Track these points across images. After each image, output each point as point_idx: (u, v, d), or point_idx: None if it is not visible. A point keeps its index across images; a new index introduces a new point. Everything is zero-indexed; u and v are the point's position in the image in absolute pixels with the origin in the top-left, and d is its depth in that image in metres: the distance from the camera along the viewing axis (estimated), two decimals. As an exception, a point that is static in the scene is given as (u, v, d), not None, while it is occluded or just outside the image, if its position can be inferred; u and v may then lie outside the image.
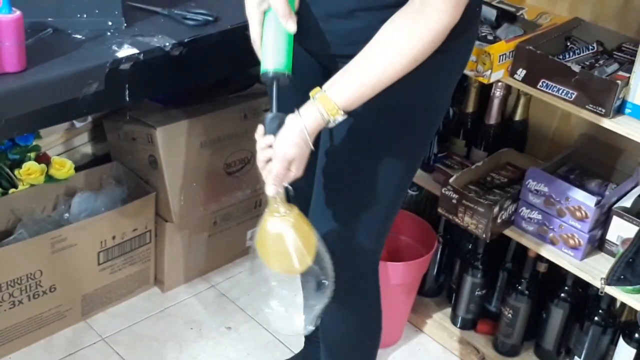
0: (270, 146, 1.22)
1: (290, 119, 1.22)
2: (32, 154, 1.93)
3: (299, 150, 1.21)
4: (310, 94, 1.23)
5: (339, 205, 1.40)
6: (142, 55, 1.58)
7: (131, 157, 2.08)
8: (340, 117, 1.21)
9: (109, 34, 1.62)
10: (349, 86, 1.21)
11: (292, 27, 1.26)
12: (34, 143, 1.93)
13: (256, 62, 1.90)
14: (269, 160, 1.22)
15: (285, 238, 1.27)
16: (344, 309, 1.49)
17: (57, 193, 1.99)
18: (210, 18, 1.73)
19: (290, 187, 1.25)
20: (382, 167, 1.36)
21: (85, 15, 1.60)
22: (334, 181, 1.39)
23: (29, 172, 1.89)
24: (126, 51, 1.57)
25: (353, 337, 1.58)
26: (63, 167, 1.93)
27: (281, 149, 1.21)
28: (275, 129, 1.22)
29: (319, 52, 1.35)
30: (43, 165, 1.91)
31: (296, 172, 1.23)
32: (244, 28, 1.74)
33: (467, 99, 1.97)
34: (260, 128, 1.24)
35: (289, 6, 1.25)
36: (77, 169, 2.01)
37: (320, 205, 1.41)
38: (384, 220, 1.44)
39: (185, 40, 1.66)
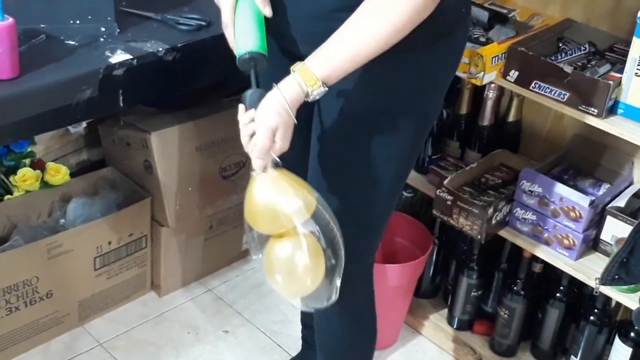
0: (253, 120, 1.20)
1: (270, 92, 1.21)
2: (27, 160, 1.93)
3: (280, 118, 1.19)
4: (291, 67, 1.21)
5: (331, 207, 1.40)
6: (135, 60, 1.58)
7: (126, 162, 2.08)
8: (319, 89, 1.19)
9: (102, 39, 1.62)
10: (328, 58, 1.19)
11: (268, 11, 1.28)
12: (29, 149, 1.94)
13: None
14: (253, 134, 1.20)
15: (271, 188, 1.21)
16: (338, 312, 1.49)
17: (53, 199, 1.99)
18: (203, 23, 1.74)
19: (278, 160, 1.21)
20: (374, 169, 1.36)
21: (78, 22, 1.61)
22: (326, 184, 1.39)
23: (24, 178, 1.89)
24: (119, 57, 1.57)
25: (348, 340, 1.59)
26: (58, 173, 1.94)
27: (263, 118, 1.19)
28: (255, 102, 1.21)
29: (301, 55, 1.34)
30: (38, 172, 1.91)
31: (281, 143, 1.20)
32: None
33: (460, 100, 1.98)
34: (241, 107, 1.23)
35: None
36: (72, 174, 2.01)
37: None
38: (376, 222, 1.44)
39: (179, 45, 1.67)
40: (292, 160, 1.55)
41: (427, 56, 1.24)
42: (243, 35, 1.27)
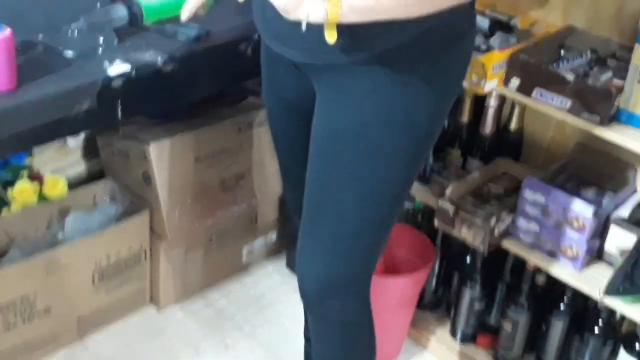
0: None
1: None
2: (25, 173, 1.91)
3: None
4: None
5: (329, 223, 1.37)
6: (134, 71, 1.57)
7: (125, 173, 2.06)
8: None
9: (100, 50, 1.61)
10: None
11: (184, 15, 1.26)
12: (27, 162, 1.92)
13: (248, 76, 1.92)
14: None
15: None
16: (335, 332, 1.46)
17: (51, 212, 1.97)
18: (201, 33, 1.73)
19: None
20: (376, 182, 1.32)
21: (76, 32, 1.59)
22: (324, 200, 1.35)
23: (22, 191, 1.87)
24: (118, 68, 1.56)
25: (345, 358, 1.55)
26: (56, 186, 1.92)
27: None
28: None
29: (305, 62, 1.31)
30: (36, 185, 1.90)
31: None
32: (235, 42, 1.76)
33: (461, 109, 1.96)
34: None
35: (200, 2, 1.27)
36: (71, 186, 1.99)
37: (309, 224, 1.38)
38: (375, 239, 1.40)
39: (177, 56, 1.65)
40: (293, 170, 1.55)
41: (431, 71, 1.22)
42: None
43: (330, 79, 1.28)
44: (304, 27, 1.09)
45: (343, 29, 1.17)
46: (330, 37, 1.12)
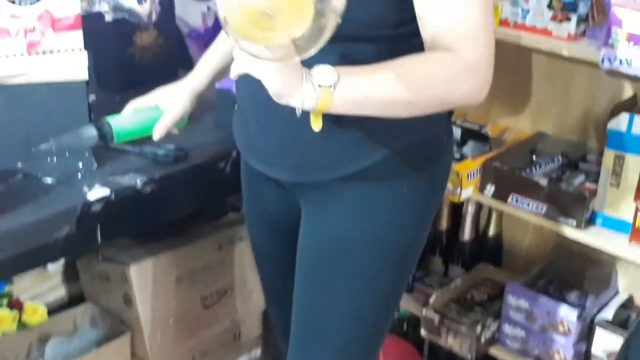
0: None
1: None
2: (5, 301, 1.88)
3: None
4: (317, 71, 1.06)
5: (319, 338, 1.35)
6: (113, 195, 1.58)
7: (105, 296, 2.04)
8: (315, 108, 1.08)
9: (79, 175, 1.62)
10: (355, 76, 1.08)
11: (156, 135, 1.43)
12: (6, 289, 1.90)
13: (228, 192, 1.93)
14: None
15: None
16: None
17: (30, 339, 1.92)
18: (179, 153, 1.75)
19: None
20: (365, 296, 1.31)
21: (55, 159, 1.61)
22: (313, 314, 1.34)
23: (1, 320, 1.84)
24: (97, 192, 1.56)
25: None
26: (36, 313, 1.89)
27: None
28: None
29: (287, 180, 1.32)
30: (15, 312, 1.86)
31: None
32: (214, 160, 1.78)
33: (440, 216, 1.99)
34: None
35: (172, 123, 1.44)
36: (51, 311, 1.96)
37: (298, 339, 1.36)
38: (367, 351, 1.38)
39: (156, 177, 1.66)
40: (275, 285, 1.54)
41: (415, 185, 1.23)
42: (128, 115, 1.47)
43: (315, 194, 1.28)
44: (298, 113, 1.06)
45: (331, 144, 1.19)
46: (317, 125, 1.11)
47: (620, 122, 1.53)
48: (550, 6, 1.60)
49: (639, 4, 1.41)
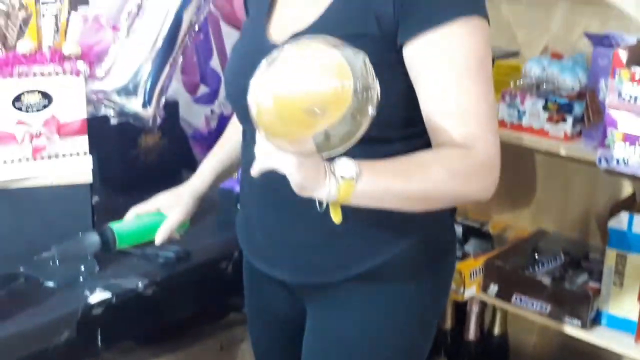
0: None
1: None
2: (1, 407, 1.84)
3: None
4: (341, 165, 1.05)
5: None
6: (114, 298, 1.57)
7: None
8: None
9: (81, 279, 1.61)
10: (375, 181, 1.06)
11: (158, 239, 1.43)
12: (3, 394, 1.86)
13: (230, 293, 1.92)
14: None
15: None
16: None
17: None
18: (181, 254, 1.75)
19: None
20: None
21: (57, 262, 1.61)
22: None
23: None
24: (98, 295, 1.55)
25: None
26: (32, 418, 1.84)
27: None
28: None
29: (292, 282, 1.31)
30: (11, 418, 1.82)
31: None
32: (216, 261, 1.77)
33: (444, 315, 1.97)
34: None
35: (173, 228, 1.45)
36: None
37: None
38: None
39: (158, 279, 1.66)
40: None
41: (422, 286, 1.23)
42: (131, 220, 1.48)
43: (321, 296, 1.27)
44: (321, 208, 1.04)
45: (338, 246, 1.19)
46: (337, 217, 1.07)
47: (621, 221, 1.54)
48: (545, 108, 1.63)
49: (633, 106, 1.44)
